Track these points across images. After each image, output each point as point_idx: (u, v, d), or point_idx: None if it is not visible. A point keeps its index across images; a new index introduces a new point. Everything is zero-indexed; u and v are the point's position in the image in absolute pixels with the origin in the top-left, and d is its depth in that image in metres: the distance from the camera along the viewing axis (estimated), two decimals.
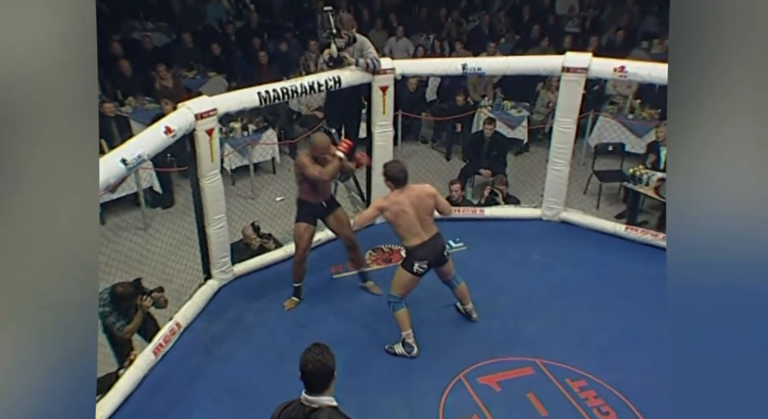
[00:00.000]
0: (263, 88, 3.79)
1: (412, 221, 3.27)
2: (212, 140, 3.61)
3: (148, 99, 6.61)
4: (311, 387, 1.95)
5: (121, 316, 3.22)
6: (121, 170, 2.98)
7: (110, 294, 3.21)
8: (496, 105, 6.80)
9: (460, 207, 4.90)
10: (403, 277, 3.39)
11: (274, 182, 6.31)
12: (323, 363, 1.95)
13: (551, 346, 3.47)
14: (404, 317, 3.43)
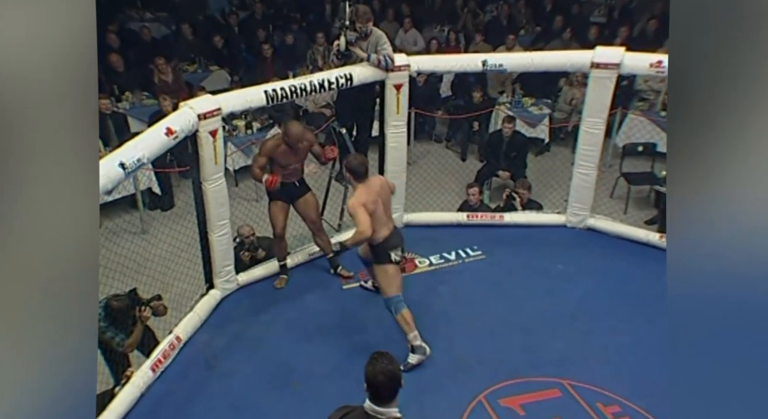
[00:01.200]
0: (270, 87, 3.73)
1: (382, 214, 3.38)
2: (216, 142, 3.55)
3: (146, 95, 6.58)
4: (381, 398, 1.99)
5: (119, 330, 3.17)
6: (119, 175, 2.93)
7: (104, 309, 3.16)
8: (515, 102, 6.70)
9: (478, 213, 4.82)
10: (387, 273, 3.39)
11: None
12: (393, 372, 1.99)
13: (579, 366, 3.38)
14: (408, 318, 3.41)
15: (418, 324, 3.76)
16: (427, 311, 3.83)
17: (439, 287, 4.07)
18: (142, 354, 3.40)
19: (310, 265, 4.34)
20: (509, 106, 6.63)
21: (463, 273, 4.23)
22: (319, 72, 6.50)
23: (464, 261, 4.37)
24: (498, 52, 7.21)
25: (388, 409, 1.99)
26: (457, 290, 4.04)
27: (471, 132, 6.78)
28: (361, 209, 3.22)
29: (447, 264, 4.34)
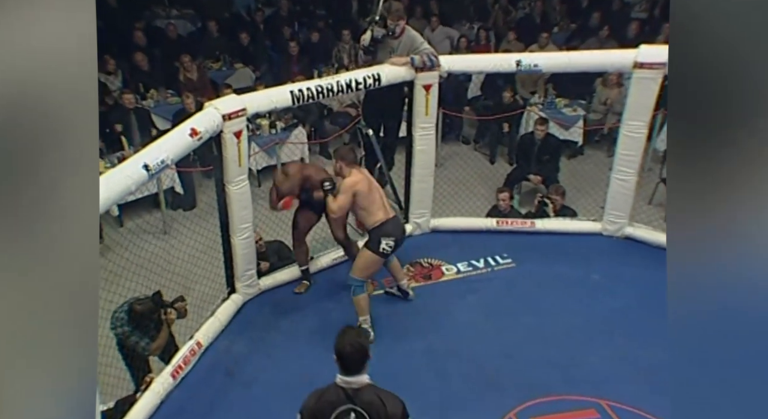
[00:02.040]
0: (296, 87, 3.69)
1: (376, 196, 3.46)
2: (240, 143, 3.52)
3: (170, 92, 6.62)
4: (349, 369, 2.15)
5: (143, 335, 3.17)
6: (143, 177, 2.92)
7: (128, 313, 3.16)
8: (547, 103, 6.55)
9: (508, 219, 4.71)
10: (367, 259, 3.46)
11: None
12: (361, 343, 2.16)
13: (618, 385, 3.25)
14: (364, 302, 3.54)
15: (444, 332, 3.70)
16: (453, 321, 3.75)
17: (467, 296, 3.98)
18: (162, 360, 3.39)
19: (333, 270, 4.28)
20: (541, 107, 6.48)
21: (492, 282, 4.13)
22: (345, 70, 6.57)
23: (493, 269, 4.26)
24: (530, 50, 7.07)
25: (359, 377, 2.16)
26: (485, 299, 3.94)
27: (500, 134, 6.66)
28: (350, 191, 3.42)
29: (475, 272, 4.24)
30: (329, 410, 2.15)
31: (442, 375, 3.36)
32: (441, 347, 3.55)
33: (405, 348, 3.54)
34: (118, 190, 2.81)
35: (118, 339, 3.18)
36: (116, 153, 5.67)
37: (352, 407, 2.14)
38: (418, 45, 4.14)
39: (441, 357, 3.48)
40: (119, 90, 6.28)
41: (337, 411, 2.14)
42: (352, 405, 2.14)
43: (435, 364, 3.40)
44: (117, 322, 3.16)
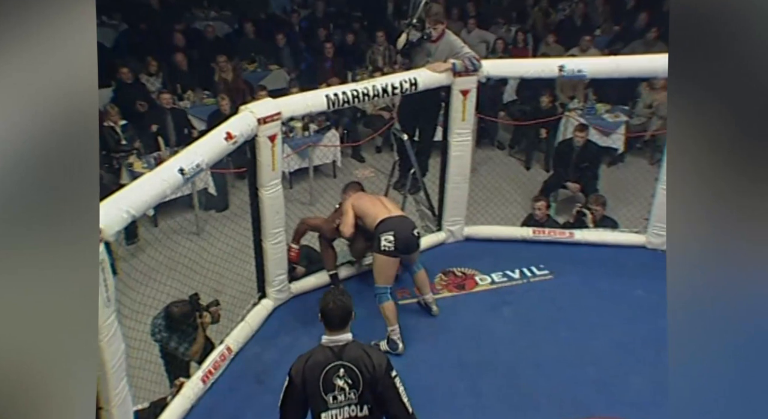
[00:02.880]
0: (332, 91, 3.64)
1: (374, 202, 3.58)
2: (274, 147, 3.49)
3: (206, 93, 6.69)
4: (332, 326, 2.28)
5: (182, 339, 3.18)
6: (178, 180, 2.92)
7: (166, 317, 3.17)
8: (587, 109, 6.38)
9: (545, 228, 4.57)
10: (377, 262, 3.46)
11: (334, 187, 6.19)
12: (344, 302, 2.29)
13: (664, 410, 3.08)
14: (390, 310, 3.46)
15: (477, 345, 3.59)
16: (488, 334, 3.64)
17: (502, 308, 3.86)
18: (199, 364, 3.38)
19: (364, 276, 4.22)
20: (581, 112, 6.31)
21: (528, 294, 4.00)
22: (380, 73, 6.52)
23: (529, 281, 4.13)
24: (571, 54, 6.90)
25: (341, 336, 2.27)
26: (521, 312, 3.82)
27: (537, 139, 6.51)
28: (349, 208, 3.64)
29: (510, 283, 4.12)
30: (318, 369, 2.24)
31: (475, 390, 3.26)
32: (474, 360, 3.45)
33: (436, 360, 3.45)
34: (153, 194, 2.81)
35: (160, 346, 3.19)
36: (153, 153, 5.75)
37: (340, 363, 2.24)
38: (458, 49, 4.04)
39: (474, 370, 3.38)
40: (158, 91, 6.38)
41: (327, 369, 2.24)
42: (340, 361, 2.24)
43: (468, 378, 3.30)
44: (155, 328, 3.18)
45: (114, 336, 2.61)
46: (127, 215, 2.65)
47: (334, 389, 2.24)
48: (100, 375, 2.62)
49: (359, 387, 2.24)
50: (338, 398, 2.25)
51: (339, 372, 2.24)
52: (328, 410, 2.26)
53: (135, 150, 5.81)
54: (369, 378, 2.23)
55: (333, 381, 2.24)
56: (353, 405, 2.26)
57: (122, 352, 2.70)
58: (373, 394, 2.26)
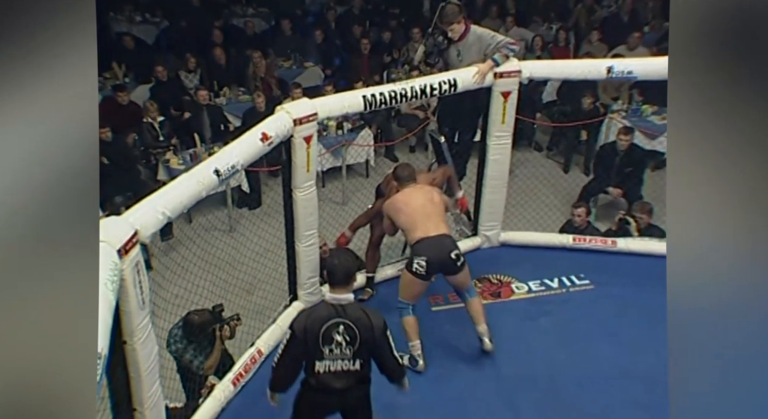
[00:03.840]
0: (369, 92, 3.56)
1: (415, 217, 3.28)
2: (309, 149, 3.43)
3: (242, 90, 6.70)
4: (335, 283, 2.45)
5: (198, 351, 3.12)
6: (213, 182, 2.89)
7: (183, 327, 3.10)
8: (632, 110, 6.12)
9: (586, 236, 4.39)
10: (404, 279, 3.33)
11: (366, 187, 6.13)
12: (349, 261, 2.52)
13: None
14: (410, 325, 3.35)
15: (514, 358, 3.46)
16: (525, 346, 3.50)
17: (540, 320, 3.72)
18: (217, 377, 3.33)
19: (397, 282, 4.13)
20: (625, 114, 6.07)
21: (568, 305, 3.84)
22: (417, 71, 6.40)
23: (569, 290, 3.97)
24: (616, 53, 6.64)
25: (344, 295, 2.43)
26: (560, 324, 3.67)
27: (577, 142, 6.30)
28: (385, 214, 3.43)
29: (549, 292, 3.97)
30: (319, 324, 2.40)
31: (513, 406, 3.14)
32: (511, 373, 3.32)
33: (472, 374, 3.34)
34: (189, 195, 2.78)
35: (174, 357, 3.14)
36: (189, 150, 5.78)
37: (341, 320, 2.40)
38: (489, 40, 3.86)
39: (511, 384, 3.26)
40: (195, 87, 6.41)
41: (328, 324, 2.39)
42: (341, 318, 2.40)
43: (505, 392, 3.18)
44: (172, 339, 3.10)
45: (148, 338, 2.59)
46: (163, 216, 2.62)
47: (331, 343, 2.41)
48: (134, 377, 2.60)
49: (356, 344, 2.42)
50: (334, 351, 2.43)
51: (339, 329, 2.40)
52: (323, 360, 2.44)
53: (172, 146, 5.85)
54: (366, 338, 2.42)
55: (332, 335, 2.40)
56: (347, 360, 2.45)
57: (155, 354, 2.68)
58: (369, 352, 2.46)
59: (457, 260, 3.24)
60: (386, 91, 3.57)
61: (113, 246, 2.31)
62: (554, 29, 7.70)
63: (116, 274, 2.24)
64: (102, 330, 1.92)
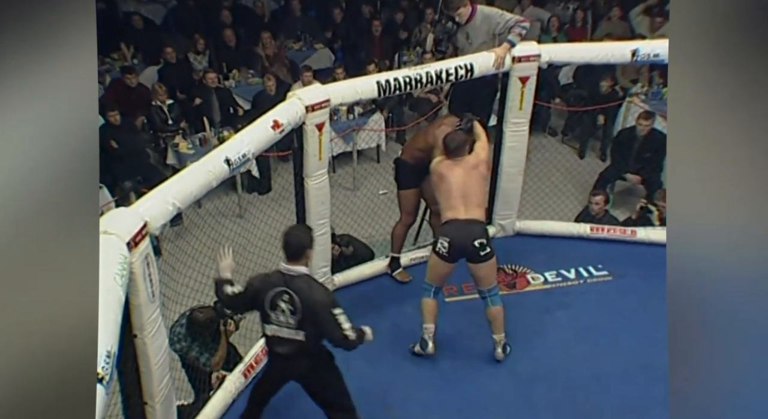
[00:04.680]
0: (383, 77, 3.43)
1: (453, 193, 3.22)
2: (322, 136, 3.32)
3: (251, 73, 6.56)
4: (288, 256, 2.56)
5: (203, 348, 3.05)
6: (224, 171, 2.79)
7: (187, 323, 3.04)
8: (652, 93, 5.93)
9: (604, 225, 4.27)
10: (430, 259, 3.34)
11: (377, 172, 6.02)
12: (300, 236, 2.61)
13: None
14: (427, 307, 3.32)
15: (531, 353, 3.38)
16: (541, 340, 3.42)
17: (556, 312, 3.63)
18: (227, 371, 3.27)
19: (410, 271, 4.05)
20: (644, 98, 5.88)
21: (586, 296, 3.74)
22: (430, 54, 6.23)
23: (586, 282, 3.87)
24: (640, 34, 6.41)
25: (297, 267, 2.55)
26: (577, 317, 3.58)
27: (594, 126, 6.13)
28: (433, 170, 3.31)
29: (565, 283, 3.87)
30: (267, 289, 2.56)
31: (531, 403, 3.07)
32: (528, 369, 3.25)
33: (488, 370, 3.26)
34: (199, 185, 2.69)
35: (180, 355, 3.08)
36: (198, 134, 5.68)
37: (286, 290, 2.53)
38: (498, 20, 3.72)
39: (528, 381, 3.18)
40: (204, 70, 6.29)
41: (275, 291, 2.54)
42: (287, 288, 2.52)
43: (522, 389, 3.11)
44: (175, 337, 3.03)
45: (158, 331, 2.53)
46: (173, 207, 2.54)
47: (277, 309, 2.55)
48: (144, 371, 2.55)
49: (297, 314, 2.53)
50: (280, 318, 2.56)
51: (284, 297, 2.53)
52: (271, 324, 2.60)
53: (181, 130, 5.76)
54: (308, 311, 2.50)
55: (278, 302, 2.54)
56: (292, 329, 2.57)
57: (166, 348, 2.62)
58: (313, 325, 2.53)
59: (481, 249, 3.14)
60: (401, 76, 3.45)
61: (122, 239, 2.24)
62: (571, 9, 7.46)
63: (125, 267, 2.17)
64: (112, 327, 1.86)
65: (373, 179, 5.86)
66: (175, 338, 3.11)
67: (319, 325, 2.53)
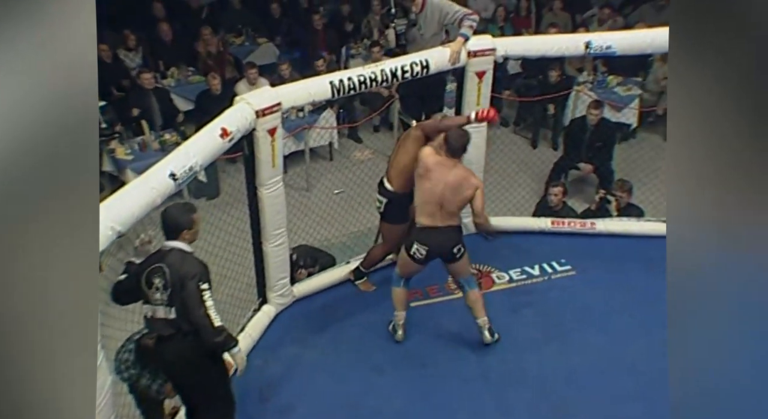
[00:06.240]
0: (336, 77, 3.25)
1: (432, 198, 3.09)
2: (274, 142, 3.12)
3: (191, 70, 6.19)
4: (166, 234, 2.53)
5: (155, 375, 2.79)
6: (169, 187, 2.57)
7: (135, 351, 2.77)
8: (598, 82, 5.99)
9: (564, 219, 4.26)
10: (402, 257, 3.26)
11: (331, 171, 5.83)
12: (174, 214, 2.53)
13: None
14: (397, 296, 3.33)
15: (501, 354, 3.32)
16: (510, 340, 3.36)
17: (523, 310, 3.58)
18: None
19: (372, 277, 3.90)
20: (591, 86, 5.93)
21: (551, 293, 3.71)
22: (378, 47, 6.06)
23: (550, 278, 3.84)
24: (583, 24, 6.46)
25: (171, 243, 2.51)
26: (544, 314, 3.54)
27: (544, 116, 6.14)
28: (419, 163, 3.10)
29: (530, 281, 3.83)
30: (145, 267, 2.52)
31: (504, 406, 3.01)
32: (499, 371, 3.19)
33: (460, 372, 3.18)
34: (142, 204, 2.46)
35: (128, 384, 2.81)
36: (136, 138, 5.29)
37: (160, 265, 2.48)
38: (447, 10, 3.65)
39: (500, 383, 3.12)
40: (138, 68, 5.86)
41: (151, 268, 2.50)
42: (161, 264, 2.48)
43: (494, 392, 3.05)
44: (122, 365, 2.75)
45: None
46: (112, 232, 2.30)
47: (152, 287, 2.47)
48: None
49: (168, 288, 2.43)
50: (155, 296, 2.47)
51: (158, 273, 2.46)
52: (150, 304, 2.50)
53: (117, 134, 5.34)
54: (175, 282, 2.41)
55: (152, 279, 2.46)
56: (165, 306, 2.47)
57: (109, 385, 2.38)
58: (180, 299, 2.41)
59: (458, 253, 3.18)
60: (355, 76, 3.27)
61: None
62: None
63: None
64: None
65: (327, 178, 5.66)
66: (123, 366, 2.83)
67: (183, 300, 2.41)
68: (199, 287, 2.39)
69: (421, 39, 3.75)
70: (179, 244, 2.50)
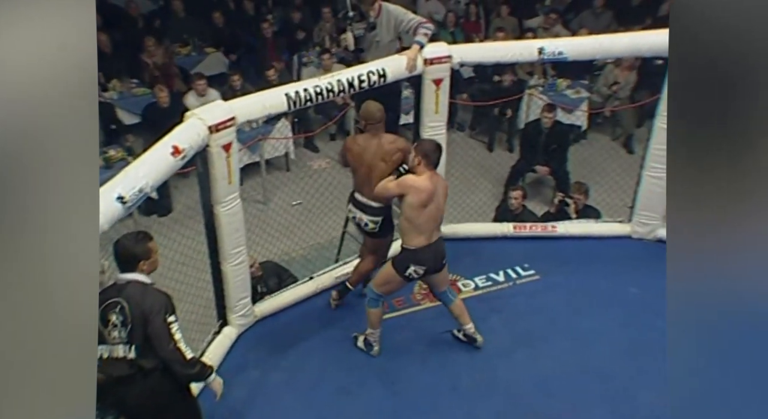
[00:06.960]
0: (292, 89, 3.15)
1: (436, 216, 3.07)
2: (230, 158, 2.99)
3: (135, 82, 5.93)
4: (119, 266, 2.37)
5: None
6: (117, 211, 2.40)
7: None
8: (548, 85, 6.11)
9: (526, 223, 4.28)
10: (390, 276, 3.16)
11: (288, 183, 5.70)
12: (128, 245, 2.36)
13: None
14: (375, 317, 3.27)
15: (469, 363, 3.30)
16: (478, 351, 3.33)
17: (490, 318, 3.55)
18: None
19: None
20: (542, 89, 6.04)
21: (516, 299, 3.71)
22: (328, 55, 5.97)
23: (515, 283, 3.84)
24: (529, 28, 6.57)
25: (126, 275, 2.35)
26: (511, 322, 3.52)
27: (499, 119, 6.21)
28: (404, 191, 3.00)
29: (495, 288, 3.81)
30: (101, 300, 2.27)
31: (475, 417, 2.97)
32: (469, 383, 3.15)
33: (428, 384, 3.13)
34: None
35: None
36: None
37: (117, 300, 2.31)
38: (402, 17, 3.63)
39: (469, 393, 3.08)
40: None
41: (107, 303, 2.31)
42: (118, 298, 2.31)
43: (464, 403, 3.00)
44: None
45: None
46: None
47: (107, 325, 2.29)
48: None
49: (128, 325, 2.28)
50: (112, 334, 2.29)
51: (115, 308, 2.29)
52: (106, 344, 2.30)
53: None
54: (138, 317, 2.26)
55: (108, 315, 2.28)
56: (124, 345, 2.30)
57: None
58: (144, 336, 2.27)
59: (445, 261, 3.18)
60: (311, 87, 3.18)
61: None
62: (462, 3, 7.52)
63: None
64: None
65: (284, 190, 5.53)
66: None
67: (150, 336, 2.26)
68: (166, 320, 2.26)
69: (377, 46, 3.70)
70: (137, 276, 2.34)
